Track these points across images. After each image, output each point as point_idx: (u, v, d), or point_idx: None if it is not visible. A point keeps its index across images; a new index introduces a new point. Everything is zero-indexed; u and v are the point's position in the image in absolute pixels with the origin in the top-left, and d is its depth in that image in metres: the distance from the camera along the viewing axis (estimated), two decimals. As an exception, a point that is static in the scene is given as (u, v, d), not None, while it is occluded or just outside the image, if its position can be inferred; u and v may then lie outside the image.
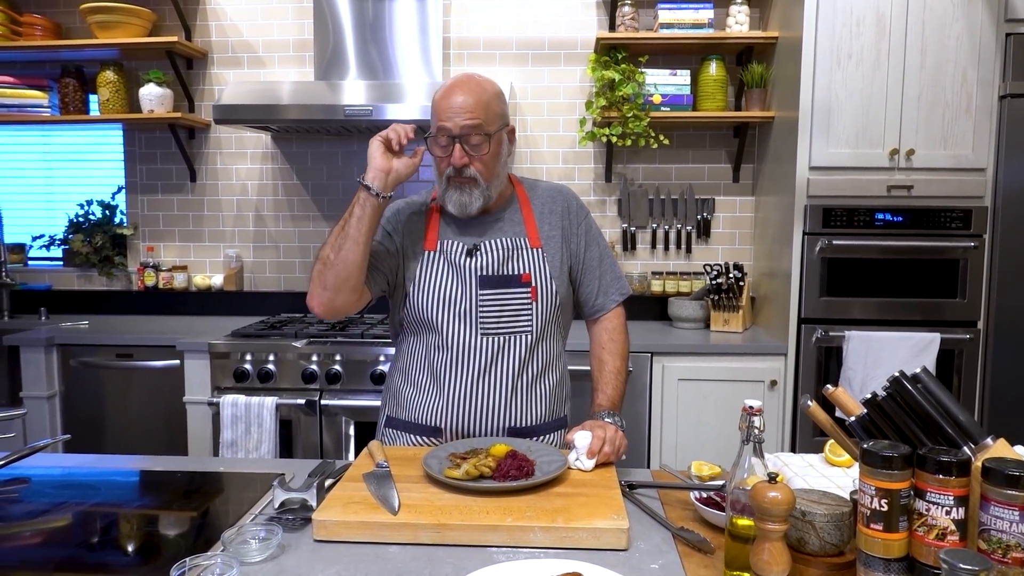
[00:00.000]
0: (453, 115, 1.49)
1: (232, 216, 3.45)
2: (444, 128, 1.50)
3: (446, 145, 1.51)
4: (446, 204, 1.57)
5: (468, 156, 1.51)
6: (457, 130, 1.49)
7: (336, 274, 1.47)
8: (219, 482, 1.46)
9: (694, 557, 1.10)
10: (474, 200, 1.54)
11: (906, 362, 2.63)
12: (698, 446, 2.75)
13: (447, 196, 1.56)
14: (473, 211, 1.56)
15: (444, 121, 1.50)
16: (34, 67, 3.37)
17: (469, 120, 1.49)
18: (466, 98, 1.50)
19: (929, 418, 0.98)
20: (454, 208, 1.56)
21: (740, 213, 3.34)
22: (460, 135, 1.50)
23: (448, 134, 1.50)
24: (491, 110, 1.53)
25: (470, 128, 1.49)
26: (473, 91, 1.51)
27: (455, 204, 1.55)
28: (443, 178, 1.55)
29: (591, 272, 1.68)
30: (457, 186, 1.54)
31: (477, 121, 1.49)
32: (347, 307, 1.52)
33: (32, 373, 2.82)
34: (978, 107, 2.65)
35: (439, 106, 1.52)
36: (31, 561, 1.12)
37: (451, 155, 1.50)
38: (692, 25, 2.99)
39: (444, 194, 1.56)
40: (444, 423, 1.58)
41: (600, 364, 1.66)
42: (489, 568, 1.02)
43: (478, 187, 1.54)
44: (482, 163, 1.53)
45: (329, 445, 2.71)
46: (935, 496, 0.90)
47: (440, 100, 1.52)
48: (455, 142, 1.50)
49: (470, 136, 1.50)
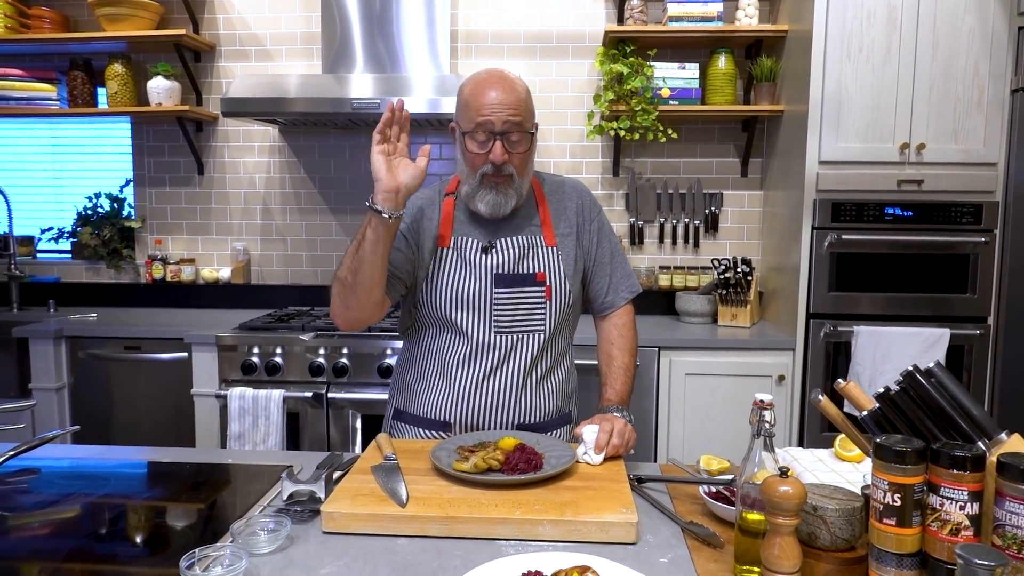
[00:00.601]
0: (495, 110, 1.45)
1: (240, 209, 3.45)
2: (486, 123, 1.46)
3: (485, 140, 1.48)
4: (476, 204, 1.53)
5: (508, 153, 1.48)
6: (500, 126, 1.46)
7: (357, 296, 1.45)
8: (227, 474, 1.46)
9: (703, 551, 1.10)
10: (508, 200, 1.52)
11: (916, 357, 2.61)
12: (705, 440, 2.74)
13: (479, 195, 1.52)
14: (507, 211, 1.53)
15: (486, 116, 1.45)
16: (42, 60, 3.38)
17: (512, 116, 1.46)
18: (507, 95, 1.46)
19: (943, 412, 0.97)
20: (486, 208, 1.52)
21: (748, 207, 3.33)
22: (502, 132, 1.46)
23: (490, 129, 1.46)
24: (528, 108, 1.51)
25: (513, 125, 1.46)
26: (511, 88, 1.48)
27: (488, 204, 1.51)
28: (476, 175, 1.50)
29: (602, 269, 1.68)
30: (492, 185, 1.50)
31: (519, 118, 1.47)
32: (371, 319, 1.51)
33: (41, 365, 2.83)
34: (990, 101, 2.63)
35: (476, 101, 1.47)
36: (40, 551, 1.12)
37: (490, 151, 1.47)
38: (701, 18, 2.97)
39: (476, 193, 1.52)
40: (453, 418, 1.57)
41: (609, 359, 1.65)
42: (498, 561, 1.02)
43: (513, 186, 1.51)
44: (520, 161, 1.50)
45: (336, 438, 2.72)
46: (949, 491, 0.89)
47: (476, 95, 1.47)
48: (495, 138, 1.47)
49: (511, 133, 1.47)
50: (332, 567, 1.04)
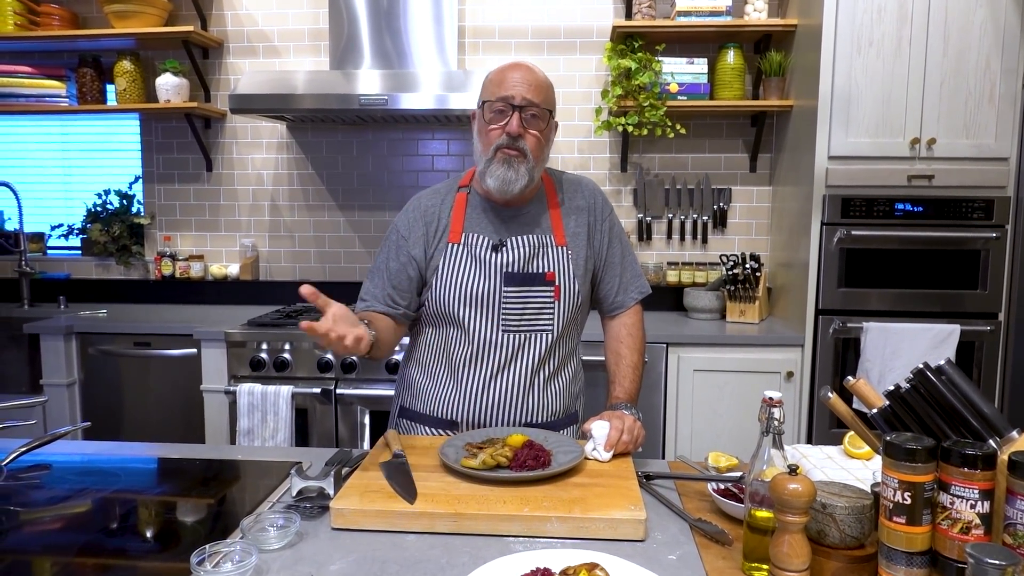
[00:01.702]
0: (517, 86, 1.50)
1: (248, 206, 3.46)
2: (506, 96, 1.49)
3: (503, 110, 1.50)
4: (487, 180, 1.53)
5: (524, 128, 1.50)
6: (520, 100, 1.49)
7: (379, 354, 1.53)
8: (237, 470, 1.47)
9: (712, 548, 1.10)
10: (520, 177, 1.51)
11: (925, 354, 2.60)
12: (713, 437, 2.74)
13: (490, 171, 1.52)
14: (516, 189, 1.52)
15: (507, 90, 1.50)
16: (52, 57, 3.39)
17: (532, 95, 1.50)
18: (529, 76, 1.52)
19: (953, 410, 0.97)
20: (496, 184, 1.52)
21: (757, 203, 3.31)
22: (522, 105, 1.49)
23: (510, 102, 1.49)
24: (549, 94, 1.55)
25: (532, 103, 1.50)
26: (534, 72, 1.54)
27: (498, 179, 1.51)
28: (491, 150, 1.52)
29: (612, 269, 1.67)
30: (505, 159, 1.51)
31: (539, 98, 1.51)
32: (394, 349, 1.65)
33: (52, 361, 2.85)
34: (1001, 96, 2.60)
35: (500, 77, 1.52)
36: (52, 546, 1.13)
37: (507, 123, 1.50)
38: (710, 13, 2.96)
39: (487, 169, 1.52)
40: (460, 416, 1.58)
41: (617, 358, 1.65)
42: (506, 558, 1.02)
43: (525, 163, 1.51)
44: (535, 139, 1.52)
45: (344, 434, 2.73)
46: (960, 489, 0.88)
47: (501, 73, 1.53)
48: (514, 111, 1.49)
49: (530, 109, 1.50)
50: (341, 563, 1.04)
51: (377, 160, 3.38)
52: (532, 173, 1.53)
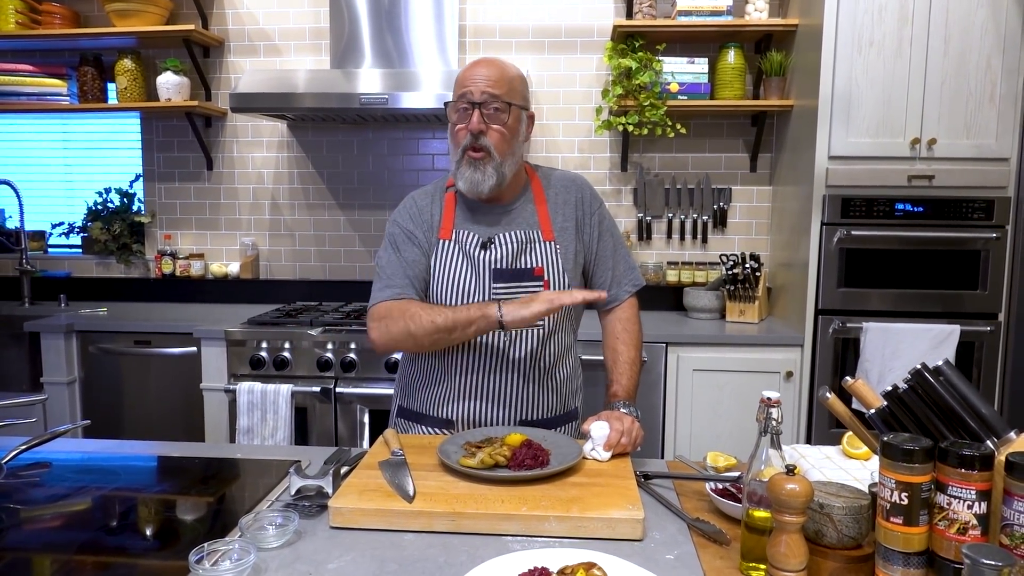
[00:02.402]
0: (476, 82, 1.51)
1: (248, 204, 3.46)
2: (466, 93, 1.51)
3: (465, 108, 1.52)
4: (458, 182, 1.55)
5: (485, 124, 1.51)
6: (478, 96, 1.50)
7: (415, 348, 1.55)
8: (236, 468, 1.47)
9: (709, 548, 1.10)
10: (487, 178, 1.52)
11: (925, 354, 2.60)
12: (713, 437, 2.74)
13: (459, 173, 1.54)
14: (485, 190, 1.53)
15: (467, 87, 1.51)
16: (53, 55, 3.39)
17: (491, 88, 1.51)
18: (490, 71, 1.53)
19: (951, 411, 0.97)
20: (465, 186, 1.54)
21: (757, 203, 3.31)
22: (480, 102, 1.50)
23: (469, 99, 1.51)
24: (513, 87, 1.55)
25: (491, 96, 1.50)
26: (497, 67, 1.55)
27: (467, 181, 1.53)
28: (459, 151, 1.53)
29: (604, 263, 1.67)
30: (471, 162, 1.52)
31: (498, 91, 1.51)
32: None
33: (52, 359, 2.85)
34: (1002, 96, 2.60)
35: (463, 77, 1.54)
36: (52, 544, 1.13)
37: (469, 121, 1.50)
38: (711, 12, 2.95)
39: (457, 171, 1.55)
40: (456, 415, 1.58)
41: (614, 354, 1.65)
42: (504, 557, 1.02)
43: (491, 162, 1.52)
44: (499, 135, 1.52)
45: (344, 433, 2.73)
46: (957, 490, 0.89)
47: (464, 72, 1.55)
48: (474, 108, 1.50)
49: (490, 103, 1.51)
50: (339, 562, 1.05)
51: (377, 159, 3.38)
52: (500, 171, 1.53)
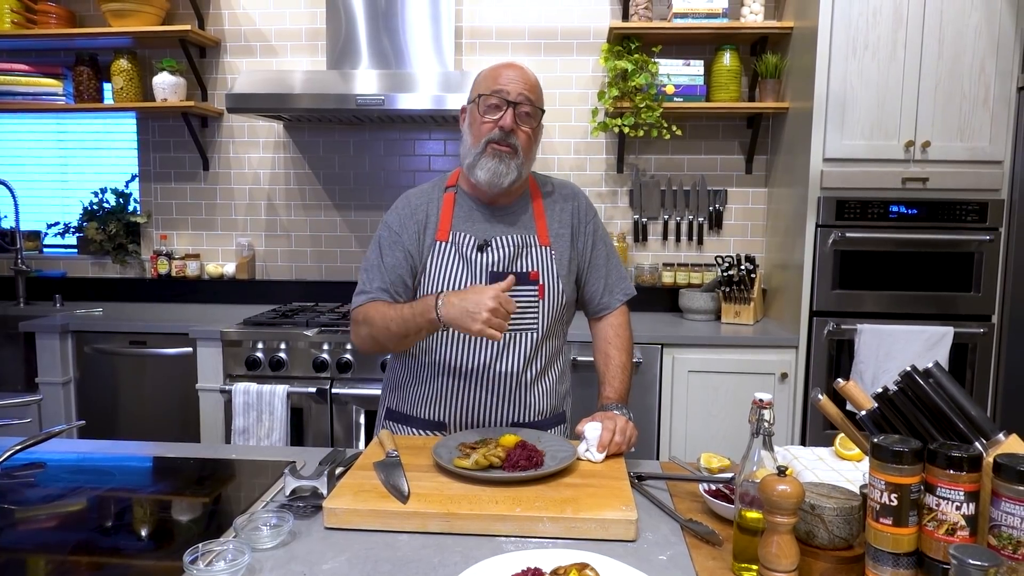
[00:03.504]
0: (513, 82, 1.54)
1: (244, 205, 3.46)
2: (502, 91, 1.53)
3: (497, 105, 1.53)
4: (476, 173, 1.55)
5: (516, 124, 1.53)
6: (515, 96, 1.53)
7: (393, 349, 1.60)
8: (231, 469, 1.47)
9: (702, 549, 1.11)
10: (510, 171, 1.54)
11: (919, 356, 2.61)
12: (707, 438, 2.75)
13: (480, 163, 1.54)
14: (505, 183, 1.55)
15: (503, 86, 1.53)
16: (49, 55, 3.39)
17: (527, 92, 1.54)
18: (523, 75, 1.56)
19: (940, 413, 0.98)
20: (486, 176, 1.54)
21: (752, 205, 3.32)
22: (516, 102, 1.53)
23: (504, 97, 1.53)
24: (541, 95, 1.60)
25: (526, 99, 1.54)
26: (528, 73, 1.58)
27: (489, 171, 1.53)
28: (481, 143, 1.54)
29: (597, 271, 1.69)
30: (496, 153, 1.53)
31: (533, 96, 1.55)
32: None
33: (47, 359, 2.85)
34: (996, 99, 2.62)
35: (495, 75, 1.56)
36: (47, 544, 1.13)
37: (501, 118, 1.52)
38: (706, 15, 2.96)
39: (476, 162, 1.54)
40: (447, 417, 1.58)
41: (606, 359, 1.66)
42: (498, 557, 1.02)
43: (516, 158, 1.54)
44: (526, 136, 1.55)
45: (339, 433, 2.73)
46: (945, 491, 0.89)
47: (494, 71, 1.57)
48: (509, 106, 1.52)
49: (524, 105, 1.54)
50: (334, 563, 1.05)
51: (374, 160, 3.38)
52: (521, 169, 1.56)
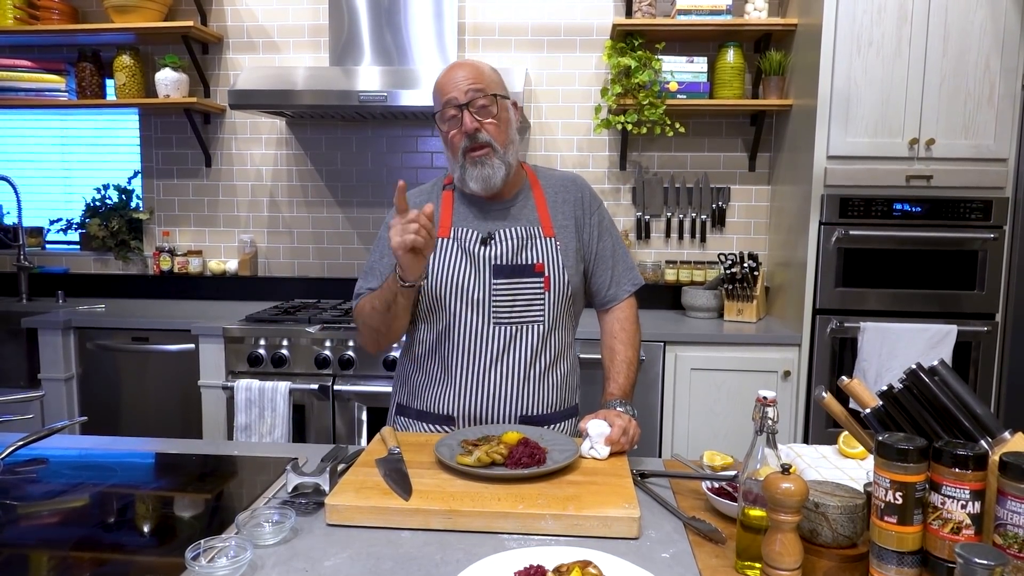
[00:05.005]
0: (456, 85, 1.53)
1: (247, 201, 3.46)
2: (451, 99, 1.53)
3: (454, 115, 1.53)
4: (468, 184, 1.56)
5: (478, 121, 1.53)
6: (463, 97, 1.52)
7: (390, 338, 1.60)
8: (233, 465, 1.47)
9: (705, 547, 1.10)
10: (496, 171, 1.54)
11: (922, 354, 2.61)
12: (710, 436, 2.74)
13: (467, 175, 1.55)
14: (498, 183, 1.55)
15: (449, 93, 1.53)
16: (51, 51, 3.39)
17: (472, 85, 1.53)
18: (466, 71, 1.55)
19: (946, 411, 0.97)
20: (478, 185, 1.55)
21: (756, 202, 3.31)
22: (466, 101, 1.52)
23: (455, 103, 1.53)
24: (492, 79, 1.58)
25: (475, 93, 1.53)
26: (470, 65, 1.57)
27: (478, 180, 1.55)
28: (459, 156, 1.55)
29: (604, 263, 1.68)
30: (475, 161, 1.54)
31: (480, 86, 1.54)
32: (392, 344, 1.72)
33: (49, 355, 2.85)
34: (1000, 96, 2.61)
35: (441, 85, 1.56)
36: (49, 540, 1.13)
37: (462, 124, 1.52)
38: (710, 11, 2.95)
39: (464, 175, 1.56)
40: (456, 411, 1.58)
41: (612, 353, 1.65)
42: (500, 555, 1.02)
43: (496, 155, 1.54)
44: (493, 127, 1.54)
45: (342, 430, 2.73)
46: (951, 490, 0.89)
47: (441, 81, 1.57)
48: (463, 110, 1.52)
49: (476, 100, 1.53)
50: (336, 559, 1.05)
51: (376, 157, 3.38)
52: (505, 160, 1.56)
